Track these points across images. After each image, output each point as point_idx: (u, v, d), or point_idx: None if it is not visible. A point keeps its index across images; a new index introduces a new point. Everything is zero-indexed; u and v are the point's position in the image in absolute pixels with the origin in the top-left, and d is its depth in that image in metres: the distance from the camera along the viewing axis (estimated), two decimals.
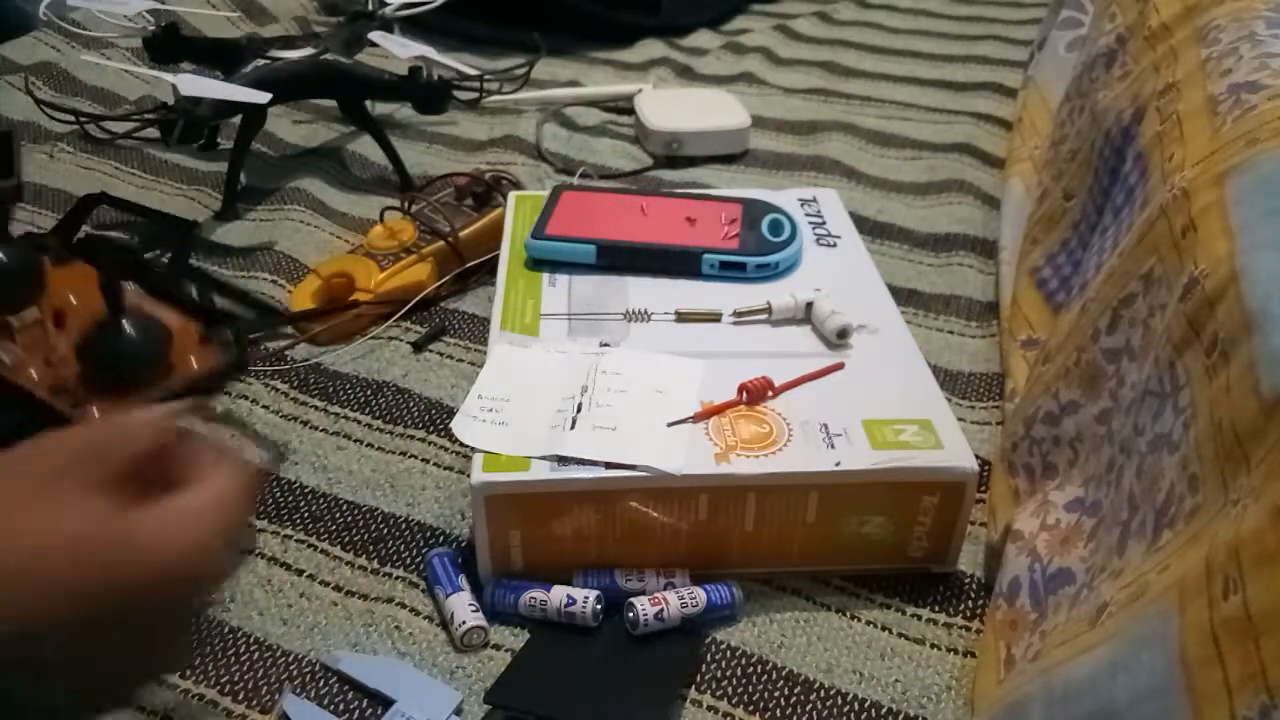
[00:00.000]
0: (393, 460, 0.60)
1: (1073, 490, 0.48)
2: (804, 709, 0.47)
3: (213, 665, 0.48)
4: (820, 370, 0.55)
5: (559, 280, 0.63)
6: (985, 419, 0.64)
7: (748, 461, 0.49)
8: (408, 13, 0.97)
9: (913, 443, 0.50)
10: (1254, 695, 0.27)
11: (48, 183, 0.87)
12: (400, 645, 0.49)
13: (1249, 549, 0.29)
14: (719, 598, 0.50)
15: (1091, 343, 0.49)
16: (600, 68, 1.20)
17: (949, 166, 0.96)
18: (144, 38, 0.89)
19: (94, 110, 0.98)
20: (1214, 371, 0.36)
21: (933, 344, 0.71)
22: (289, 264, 0.77)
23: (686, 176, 0.94)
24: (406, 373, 0.67)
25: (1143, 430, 0.41)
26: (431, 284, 0.72)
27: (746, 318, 0.60)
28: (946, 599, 0.52)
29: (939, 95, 1.13)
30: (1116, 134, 0.58)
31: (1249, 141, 0.42)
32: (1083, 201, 0.63)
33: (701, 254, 0.63)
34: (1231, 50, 0.51)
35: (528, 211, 0.70)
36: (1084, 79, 0.71)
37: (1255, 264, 0.36)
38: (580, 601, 0.49)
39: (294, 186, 0.87)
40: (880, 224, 0.86)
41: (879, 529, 0.51)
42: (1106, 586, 0.38)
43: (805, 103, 1.11)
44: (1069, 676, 0.35)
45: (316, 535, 0.55)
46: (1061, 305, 0.61)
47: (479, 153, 0.97)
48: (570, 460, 0.49)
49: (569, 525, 0.50)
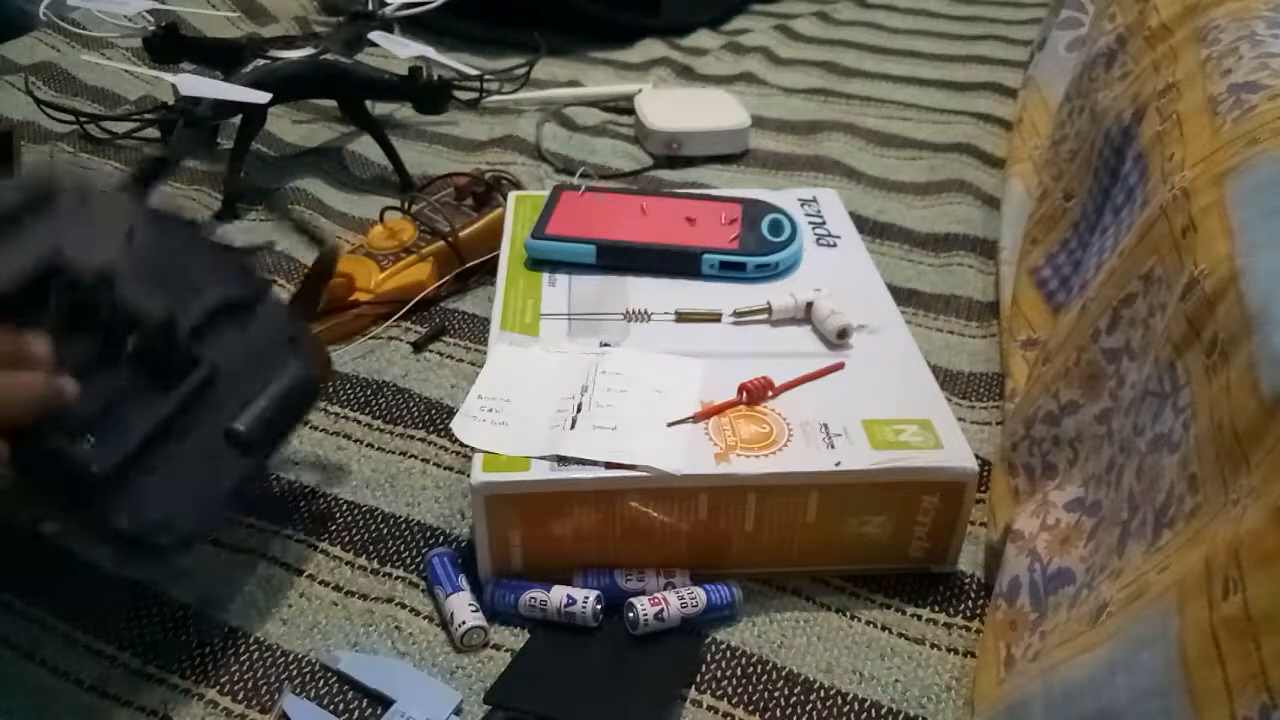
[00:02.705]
0: (393, 460, 0.60)
1: (1073, 490, 0.48)
2: (804, 709, 0.47)
3: (213, 665, 0.48)
4: (820, 370, 0.55)
5: (559, 280, 0.63)
6: (985, 419, 0.64)
7: (748, 461, 0.49)
8: (408, 13, 0.97)
9: (913, 443, 0.50)
10: (1254, 695, 0.27)
11: None
12: (400, 645, 0.49)
13: (1249, 549, 0.29)
14: (719, 598, 0.50)
15: (1091, 343, 0.49)
16: (600, 68, 1.20)
17: (949, 166, 0.96)
18: (144, 38, 0.89)
19: (94, 110, 0.98)
20: (1214, 371, 0.36)
21: (933, 344, 0.71)
22: (289, 264, 0.77)
23: (686, 176, 0.94)
24: (406, 373, 0.67)
25: (1143, 430, 0.41)
26: (431, 284, 0.72)
27: (746, 318, 0.60)
28: (946, 599, 0.52)
29: (939, 95, 1.13)
30: (1116, 134, 0.58)
31: (1249, 141, 0.42)
32: (1083, 201, 0.63)
33: (701, 254, 0.63)
34: (1231, 50, 0.51)
35: (528, 211, 0.70)
36: (1084, 79, 0.71)
37: (1255, 264, 0.36)
38: (580, 601, 0.49)
39: (294, 186, 0.87)
40: (880, 224, 0.86)
41: (879, 529, 0.51)
42: (1106, 586, 0.38)
43: (805, 103, 1.11)
44: (1069, 676, 0.35)
45: (316, 535, 0.55)
46: (1061, 305, 0.61)
47: (479, 153, 0.97)
48: (570, 460, 0.49)
49: (569, 525, 0.50)
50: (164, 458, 0.44)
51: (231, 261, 0.51)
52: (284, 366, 0.50)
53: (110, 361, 0.44)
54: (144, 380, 0.45)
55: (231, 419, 0.47)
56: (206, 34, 1.11)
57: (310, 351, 0.51)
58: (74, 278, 0.43)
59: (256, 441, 0.47)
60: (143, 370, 0.45)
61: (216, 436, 0.46)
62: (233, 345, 0.49)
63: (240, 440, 0.47)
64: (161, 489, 0.44)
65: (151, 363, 0.45)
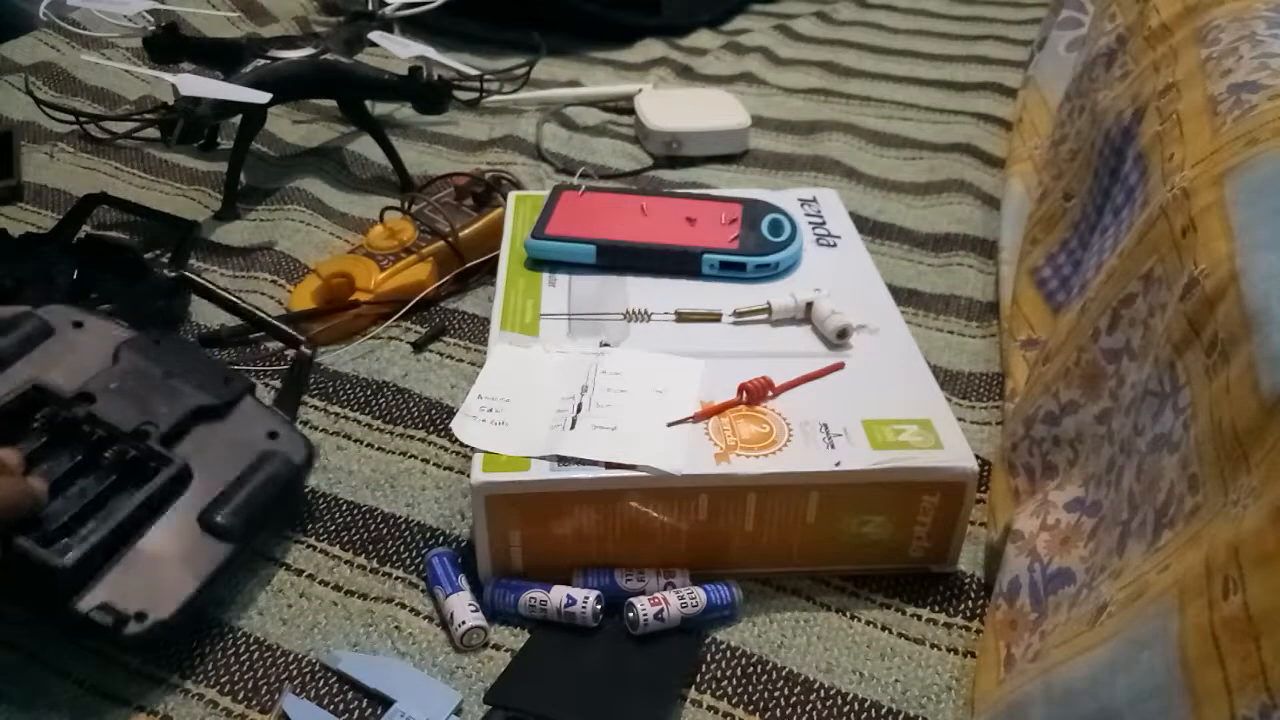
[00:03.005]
0: (393, 460, 0.60)
1: (1073, 490, 0.48)
2: (804, 709, 0.47)
3: (213, 665, 0.48)
4: (820, 370, 0.55)
5: (559, 280, 0.63)
6: (985, 419, 0.64)
7: (748, 461, 0.49)
8: (408, 13, 0.97)
9: (913, 443, 0.50)
10: (1254, 695, 0.27)
11: (48, 183, 0.87)
12: (400, 645, 0.49)
13: (1249, 549, 0.29)
14: (719, 598, 0.50)
15: (1091, 343, 0.49)
16: (600, 68, 1.20)
17: (949, 166, 0.96)
18: (144, 38, 0.89)
19: (94, 110, 0.98)
20: (1214, 371, 0.36)
21: (933, 344, 0.71)
22: (289, 264, 0.77)
23: (686, 176, 0.94)
24: (406, 373, 0.67)
25: (1143, 430, 0.41)
26: (431, 284, 0.72)
27: (746, 318, 0.60)
28: (946, 599, 0.52)
29: (939, 95, 1.13)
30: (1116, 134, 0.58)
31: (1249, 141, 0.42)
32: (1083, 201, 0.63)
33: (701, 254, 0.63)
34: (1231, 50, 0.51)
35: (528, 211, 0.70)
36: (1084, 79, 0.71)
37: (1255, 264, 0.36)
38: (580, 601, 0.49)
39: (294, 186, 0.87)
40: (880, 224, 0.86)
41: (879, 529, 0.51)
42: (1106, 586, 0.38)
43: (805, 103, 1.11)
44: (1069, 676, 0.35)
45: (316, 535, 0.55)
46: (1061, 305, 0.61)
47: (479, 153, 0.97)
48: (570, 460, 0.49)
49: (569, 525, 0.50)
50: (136, 551, 0.47)
51: (215, 369, 0.57)
52: (264, 458, 0.53)
53: (91, 469, 0.49)
54: (121, 484, 0.49)
55: (207, 509, 0.50)
56: (206, 34, 1.11)
57: (291, 445, 0.54)
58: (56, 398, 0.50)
59: (231, 528, 0.49)
60: (121, 475, 0.49)
61: (191, 527, 0.49)
62: (210, 444, 0.53)
63: (214, 528, 0.49)
64: (133, 580, 0.46)
65: (128, 468, 0.50)
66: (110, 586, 0.45)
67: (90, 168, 0.90)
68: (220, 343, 0.68)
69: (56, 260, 0.67)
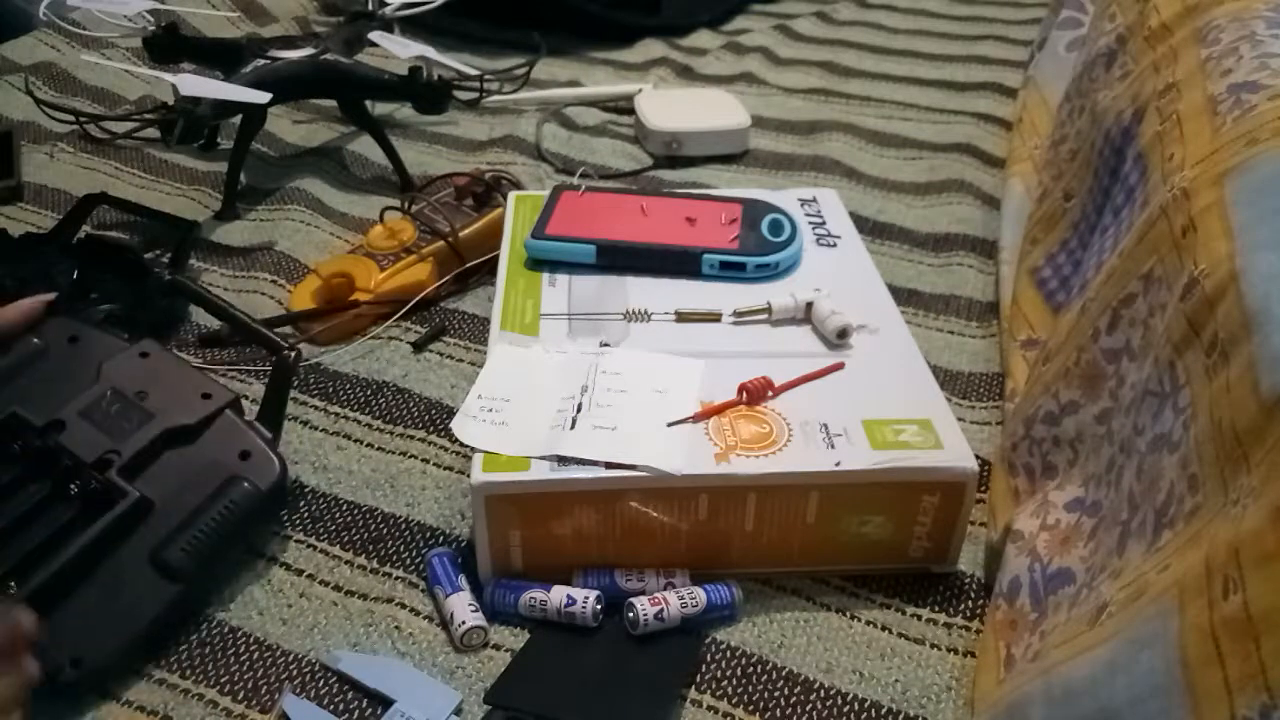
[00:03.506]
0: (393, 460, 0.60)
1: (1073, 490, 0.48)
2: (804, 709, 0.47)
3: (213, 665, 0.48)
4: (820, 370, 0.55)
5: (559, 280, 0.63)
6: (985, 419, 0.64)
7: (748, 461, 0.49)
8: (408, 13, 0.97)
9: (913, 443, 0.50)
10: (1254, 695, 0.27)
11: (48, 183, 0.87)
12: (400, 645, 0.49)
13: (1249, 549, 0.29)
14: (719, 598, 0.50)
15: (1091, 343, 0.49)
16: (600, 68, 1.20)
17: (949, 166, 0.96)
18: (144, 38, 0.89)
19: (94, 110, 0.98)
20: (1214, 371, 0.36)
21: (933, 344, 0.71)
22: (289, 264, 0.77)
23: (686, 176, 0.94)
24: (406, 373, 0.67)
25: (1143, 430, 0.41)
26: (431, 284, 0.72)
27: (746, 318, 0.60)
28: (946, 599, 0.52)
29: (939, 95, 1.13)
30: (1116, 134, 0.58)
31: (1249, 141, 0.42)
32: (1083, 201, 0.63)
33: (701, 254, 0.63)
34: (1231, 50, 0.51)
35: (528, 211, 0.70)
36: (1084, 79, 0.71)
37: (1255, 264, 0.36)
38: (580, 601, 0.49)
39: (294, 186, 0.87)
40: (880, 224, 0.86)
41: (879, 529, 0.51)
42: (1106, 586, 0.38)
43: (805, 103, 1.11)
44: (1069, 676, 0.35)
45: (316, 535, 0.55)
46: (1061, 305, 0.61)
47: (479, 153, 0.97)
48: (570, 460, 0.49)
49: (569, 525, 0.50)
50: (86, 589, 0.46)
51: (195, 384, 0.54)
52: (227, 485, 0.51)
53: (59, 500, 0.49)
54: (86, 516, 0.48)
55: (160, 545, 0.48)
56: (206, 34, 1.11)
57: (264, 463, 0.52)
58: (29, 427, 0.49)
59: (181, 568, 0.48)
60: (86, 506, 0.48)
61: (143, 564, 0.48)
62: (175, 470, 0.51)
63: (165, 567, 0.48)
64: (75, 623, 0.45)
65: (92, 499, 0.49)
66: (53, 629, 0.44)
67: (90, 168, 0.90)
68: (220, 343, 0.68)
69: (57, 260, 0.68)
